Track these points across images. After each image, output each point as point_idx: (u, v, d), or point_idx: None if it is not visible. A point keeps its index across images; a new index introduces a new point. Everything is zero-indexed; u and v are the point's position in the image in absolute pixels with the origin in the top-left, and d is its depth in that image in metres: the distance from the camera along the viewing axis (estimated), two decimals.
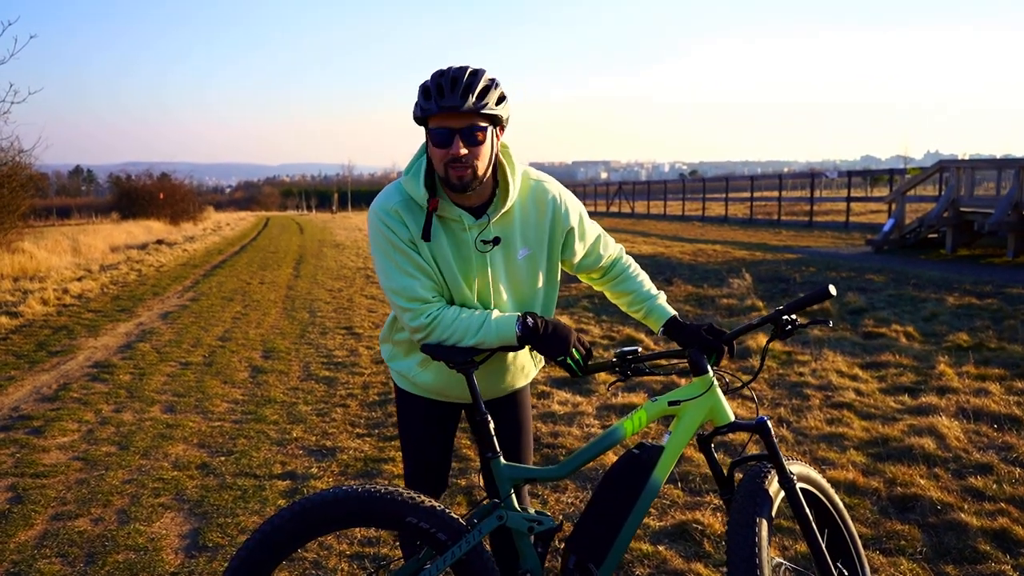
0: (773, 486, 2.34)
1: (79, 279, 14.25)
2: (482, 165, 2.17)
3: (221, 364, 7.45)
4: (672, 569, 3.36)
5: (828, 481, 4.18)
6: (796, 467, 2.44)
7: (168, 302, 11.93)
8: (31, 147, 24.22)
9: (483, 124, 2.14)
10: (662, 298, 2.54)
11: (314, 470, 4.60)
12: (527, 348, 2.37)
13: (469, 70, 2.13)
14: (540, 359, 2.58)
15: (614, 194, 48.62)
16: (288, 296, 12.34)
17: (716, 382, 2.36)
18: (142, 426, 5.48)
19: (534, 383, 6.34)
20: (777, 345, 7.44)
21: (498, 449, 2.25)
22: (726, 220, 32.06)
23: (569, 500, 4.10)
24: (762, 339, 7.57)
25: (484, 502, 2.31)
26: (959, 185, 16.64)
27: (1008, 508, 3.80)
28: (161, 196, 40.87)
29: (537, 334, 2.24)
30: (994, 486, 4.07)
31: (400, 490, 2.19)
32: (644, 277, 2.58)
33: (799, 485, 2.42)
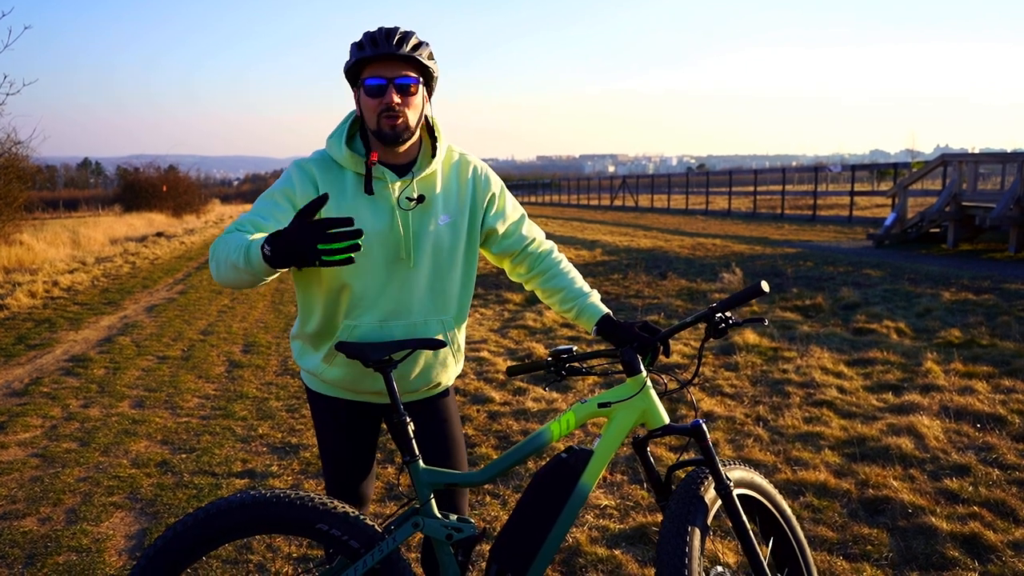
0: (710, 493, 2.22)
1: (71, 271, 14.19)
2: (413, 117, 2.17)
3: (199, 358, 7.36)
4: (626, 574, 3.25)
5: (798, 482, 4.08)
6: (736, 472, 2.32)
7: (156, 295, 11.86)
8: (27, 139, 24.18)
9: (415, 76, 2.15)
10: (595, 296, 2.42)
11: (274, 468, 4.50)
12: (448, 347, 2.28)
13: (401, 28, 2.13)
14: (461, 355, 2.45)
15: (618, 188, 48.42)
16: (278, 289, 12.25)
17: (650, 383, 2.24)
18: (107, 422, 5.39)
19: (508, 378, 6.22)
20: (764, 341, 7.31)
21: (417, 453, 2.14)
22: (729, 214, 31.88)
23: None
24: (749, 335, 7.44)
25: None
26: (961, 179, 16.44)
27: (981, 512, 3.67)
28: (164, 188, 40.85)
29: (281, 249, 1.86)
30: (969, 488, 3.94)
31: (311, 495, 2.08)
32: (576, 275, 2.47)
33: (739, 491, 2.30)
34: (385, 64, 2.11)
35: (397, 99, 2.11)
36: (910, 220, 17.53)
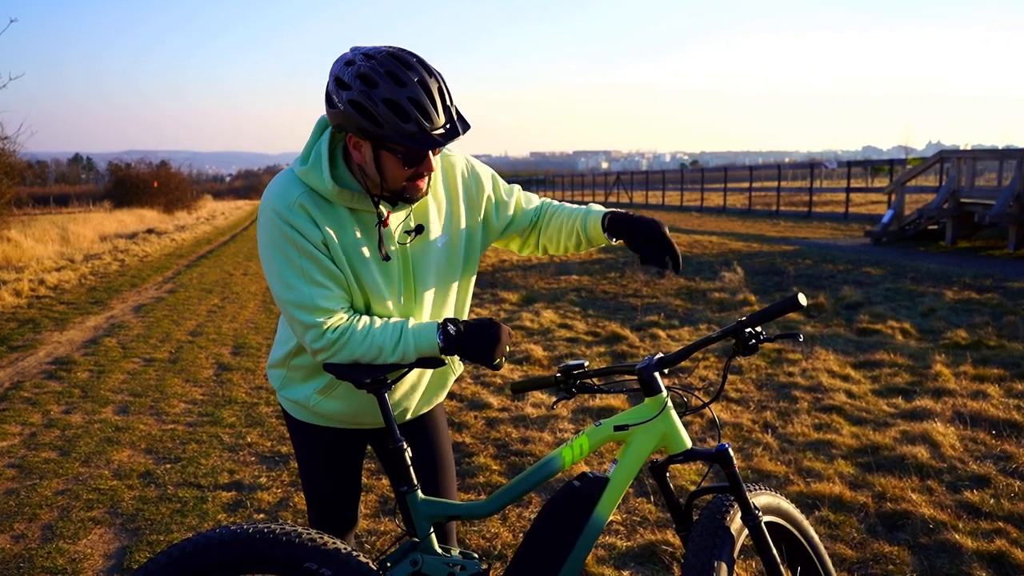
0: (735, 523, 2.03)
1: (58, 269, 13.94)
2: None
3: (187, 361, 7.14)
4: None
5: (812, 495, 3.89)
6: (762, 498, 2.13)
7: (145, 294, 11.62)
8: (15, 133, 23.82)
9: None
10: (594, 206, 2.18)
11: (263, 480, 4.29)
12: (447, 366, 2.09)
13: (432, 70, 1.78)
14: (459, 367, 2.27)
15: (613, 184, 48.26)
16: (269, 288, 12.02)
17: (670, 403, 2.04)
18: (89, 429, 5.17)
19: (506, 382, 6.03)
20: (765, 344, 7.12)
21: (415, 482, 1.94)
22: (724, 211, 31.73)
23: (532, 516, 3.79)
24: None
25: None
26: (959, 176, 16.30)
27: (1006, 527, 3.49)
28: (155, 184, 40.51)
29: (461, 343, 1.90)
30: (991, 501, 3.76)
31: (298, 530, 1.88)
32: (575, 207, 2.23)
33: (766, 519, 2.12)
34: None
35: (434, 163, 1.86)
36: (908, 217, 17.39)
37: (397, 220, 1.97)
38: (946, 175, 17.64)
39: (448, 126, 1.77)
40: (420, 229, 1.99)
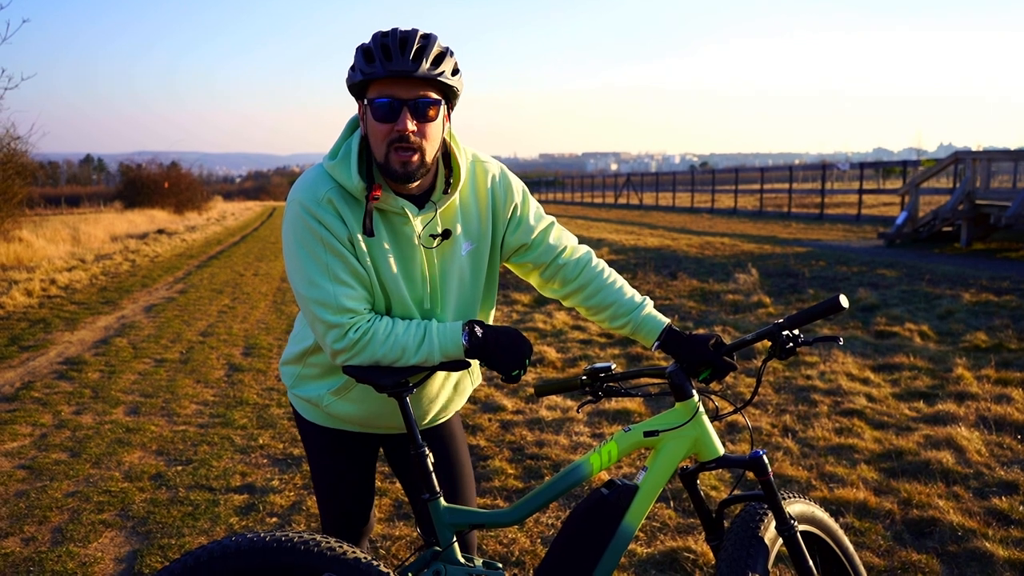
0: (769, 532, 1.96)
1: (69, 269, 13.93)
2: (431, 149, 1.82)
3: (197, 361, 7.09)
4: None
5: (836, 501, 3.81)
6: (796, 506, 2.06)
7: (156, 294, 11.59)
8: (27, 134, 23.88)
9: (436, 97, 1.79)
10: (649, 305, 2.08)
11: (275, 483, 4.23)
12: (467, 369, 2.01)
13: (420, 32, 1.78)
14: (478, 377, 2.20)
15: (622, 185, 48.15)
16: (280, 288, 11.98)
17: (702, 408, 1.96)
18: (100, 430, 5.12)
19: (522, 384, 5.95)
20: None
21: (437, 489, 1.88)
22: (735, 212, 31.58)
23: (550, 521, 3.72)
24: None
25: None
26: (974, 177, 16.14)
27: None
28: (166, 185, 40.63)
29: (487, 346, 1.86)
30: (1021, 508, 3.66)
31: (316, 538, 1.81)
32: (624, 284, 2.11)
33: (801, 528, 2.04)
34: (399, 80, 1.76)
35: (412, 126, 1.76)
36: (922, 219, 17.23)
37: (424, 222, 1.90)
38: (960, 177, 17.49)
39: (409, 68, 1.73)
40: (448, 234, 1.92)
